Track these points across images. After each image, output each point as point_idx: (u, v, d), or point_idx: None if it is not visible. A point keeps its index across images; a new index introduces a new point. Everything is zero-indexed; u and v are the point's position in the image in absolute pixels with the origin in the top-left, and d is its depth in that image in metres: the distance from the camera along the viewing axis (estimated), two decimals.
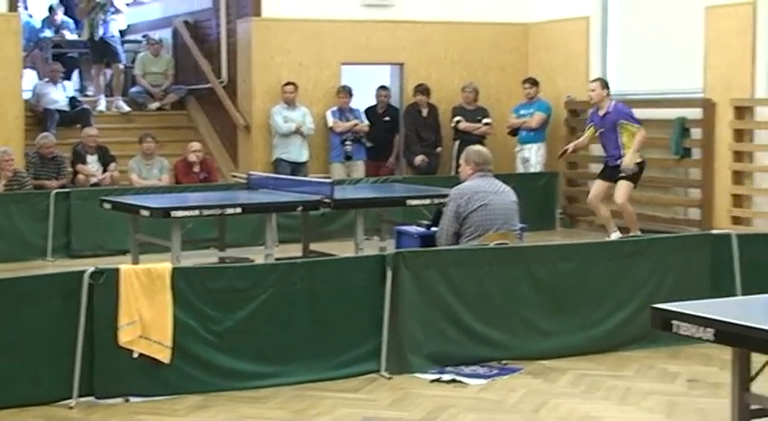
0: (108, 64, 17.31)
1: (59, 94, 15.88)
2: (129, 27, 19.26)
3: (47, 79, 16.18)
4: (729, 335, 4.74)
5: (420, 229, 9.39)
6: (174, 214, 9.84)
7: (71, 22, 18.56)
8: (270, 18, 15.25)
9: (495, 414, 6.81)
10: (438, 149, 15.47)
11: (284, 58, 15.19)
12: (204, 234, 11.53)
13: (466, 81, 15.61)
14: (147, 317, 6.94)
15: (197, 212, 10.02)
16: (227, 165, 15.79)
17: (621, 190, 12.23)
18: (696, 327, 4.84)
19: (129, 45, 18.53)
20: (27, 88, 15.68)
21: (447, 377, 7.46)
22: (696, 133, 13.49)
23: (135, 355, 6.95)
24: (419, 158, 15.21)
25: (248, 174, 12.67)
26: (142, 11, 19.42)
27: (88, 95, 17.44)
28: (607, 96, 12.51)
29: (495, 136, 15.31)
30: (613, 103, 12.45)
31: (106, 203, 10.88)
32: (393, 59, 15.97)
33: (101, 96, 16.98)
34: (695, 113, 13.46)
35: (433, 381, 7.41)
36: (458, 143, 14.82)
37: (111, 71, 17.41)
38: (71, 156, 14.21)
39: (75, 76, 18.43)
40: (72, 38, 18.37)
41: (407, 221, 10.63)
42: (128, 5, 18.18)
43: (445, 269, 7.74)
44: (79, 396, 6.84)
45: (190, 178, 13.85)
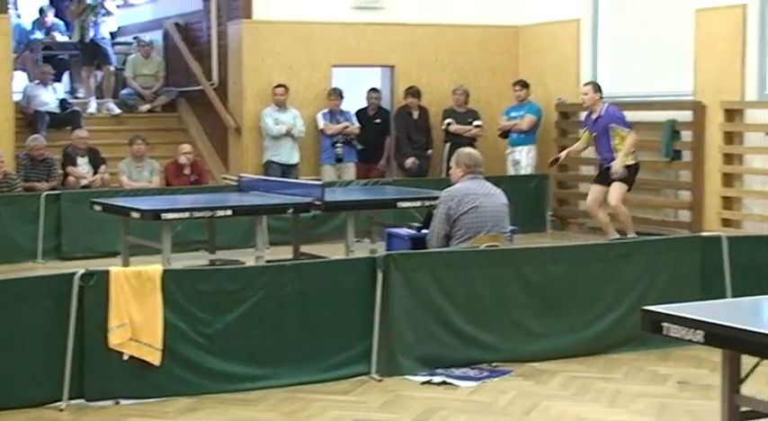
0: (98, 66, 17.30)
1: (50, 95, 15.86)
2: (120, 29, 19.23)
3: (37, 81, 16.16)
4: (719, 337, 4.74)
5: (411, 232, 9.40)
6: (165, 216, 9.82)
7: (61, 23, 18.53)
8: (260, 20, 15.25)
9: (486, 416, 6.82)
10: (429, 152, 15.47)
11: (275, 60, 15.19)
12: (194, 236, 11.52)
13: (456, 83, 15.61)
14: (137, 319, 6.93)
15: (187, 214, 10.02)
16: (217, 167, 15.78)
17: (614, 192, 12.24)
18: (686, 330, 4.84)
19: (119, 47, 18.51)
20: (17, 90, 15.64)
21: (437, 379, 7.46)
22: (686, 136, 13.51)
23: (125, 358, 6.93)
24: (410, 161, 15.21)
25: (239, 177, 12.66)
26: (133, 13, 19.40)
27: (79, 97, 17.42)
28: (600, 100, 12.53)
29: (485, 138, 15.32)
30: (606, 106, 12.46)
31: (96, 205, 10.87)
32: (384, 62, 15.98)
33: (91, 98, 16.96)
34: (685, 116, 13.48)
35: (423, 384, 7.41)
36: (448, 145, 14.84)
37: (101, 73, 17.41)
38: (61, 158, 14.18)
39: (65, 77, 18.39)
40: (62, 40, 18.34)
41: (398, 224, 10.63)
42: (118, 7, 18.15)
43: (436, 271, 7.74)
44: (69, 398, 6.83)
45: (180, 180, 13.84)
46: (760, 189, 12.87)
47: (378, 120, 15.68)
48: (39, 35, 18.35)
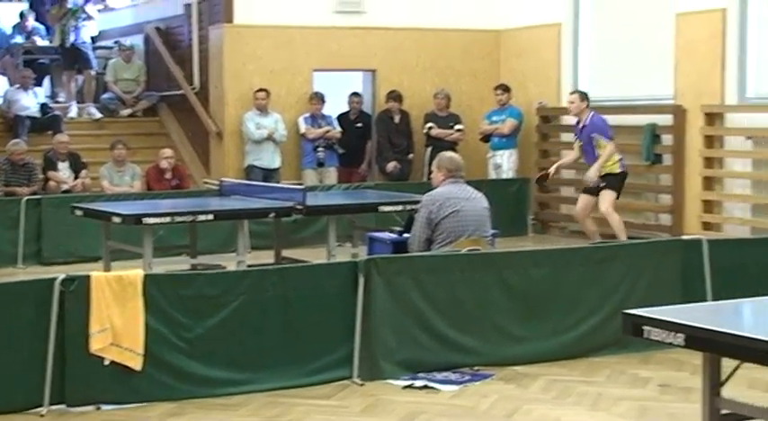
0: (79, 70, 17.27)
1: (30, 100, 15.83)
2: (101, 33, 19.19)
3: (18, 85, 16.13)
4: (700, 340, 4.76)
5: (392, 236, 9.40)
6: (146, 221, 9.80)
7: (42, 28, 18.47)
8: (241, 25, 15.23)
9: (468, 420, 6.83)
10: (410, 156, 15.48)
11: (256, 64, 15.18)
12: (176, 241, 11.49)
13: (438, 87, 15.63)
14: (118, 324, 6.92)
15: (169, 219, 10.00)
16: (199, 171, 15.76)
17: (603, 199, 12.16)
18: (667, 333, 4.85)
19: (100, 51, 18.46)
20: None
21: (419, 383, 7.47)
22: (667, 139, 13.55)
23: (106, 363, 6.92)
24: (391, 165, 15.22)
25: (220, 181, 12.65)
26: (113, 17, 19.36)
27: (59, 102, 17.40)
28: (586, 108, 12.42)
29: (467, 142, 15.32)
30: (591, 114, 12.37)
31: (77, 210, 10.84)
32: (365, 66, 15.98)
33: (72, 103, 16.93)
34: (666, 120, 13.52)
35: (405, 388, 7.42)
36: (430, 149, 14.84)
37: (82, 77, 17.37)
38: (42, 163, 14.14)
39: (46, 82, 18.35)
40: (43, 44, 18.29)
41: (380, 228, 10.64)
42: (99, 12, 18.12)
43: (417, 275, 7.74)
44: (50, 404, 6.81)
45: (161, 185, 13.81)
46: (740, 192, 12.92)
47: (359, 125, 15.68)
48: (19, 39, 18.28)
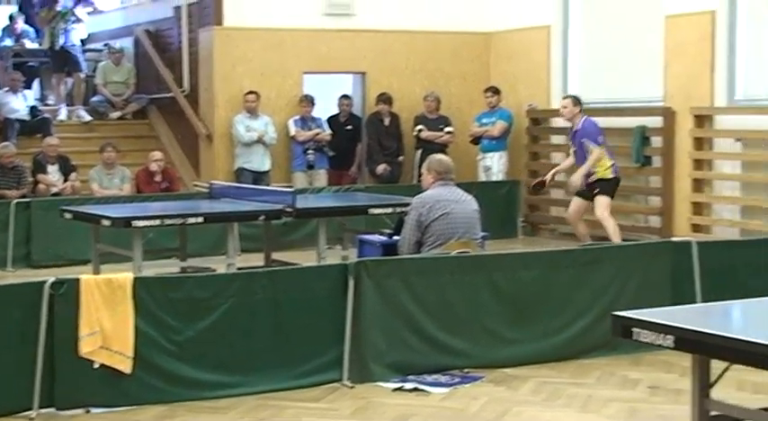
0: (69, 73, 17.25)
1: (20, 103, 15.80)
2: (90, 36, 19.15)
3: (7, 88, 16.09)
4: (689, 342, 4.77)
5: (382, 238, 9.39)
6: (136, 224, 9.79)
7: (32, 30, 18.44)
8: (231, 27, 15.23)
9: None
10: (400, 158, 15.49)
11: (246, 67, 15.17)
12: (166, 243, 11.49)
13: (428, 90, 15.63)
14: (107, 327, 6.91)
15: (158, 222, 9.98)
16: (188, 174, 15.75)
17: (599, 205, 12.05)
18: (656, 335, 4.86)
19: (90, 54, 18.44)
20: None
21: (409, 386, 7.47)
22: (656, 141, 13.57)
23: (96, 366, 6.91)
24: (381, 167, 15.23)
25: (210, 184, 12.64)
26: (103, 20, 19.32)
27: (49, 104, 17.37)
28: (579, 113, 12.25)
29: (456, 144, 15.33)
30: (583, 119, 12.21)
31: (67, 213, 10.82)
32: (355, 68, 15.98)
33: (62, 105, 16.91)
34: (655, 122, 13.55)
35: (395, 390, 7.41)
36: (420, 152, 14.85)
37: (71, 80, 17.35)
38: (32, 166, 14.12)
39: (35, 85, 18.32)
40: (32, 47, 18.26)
41: (370, 230, 10.63)
42: (89, 14, 18.09)
43: (407, 278, 7.74)
44: (40, 407, 6.79)
45: (151, 188, 13.80)
46: (729, 194, 12.94)
47: (349, 127, 15.68)
48: (8, 42, 18.26)
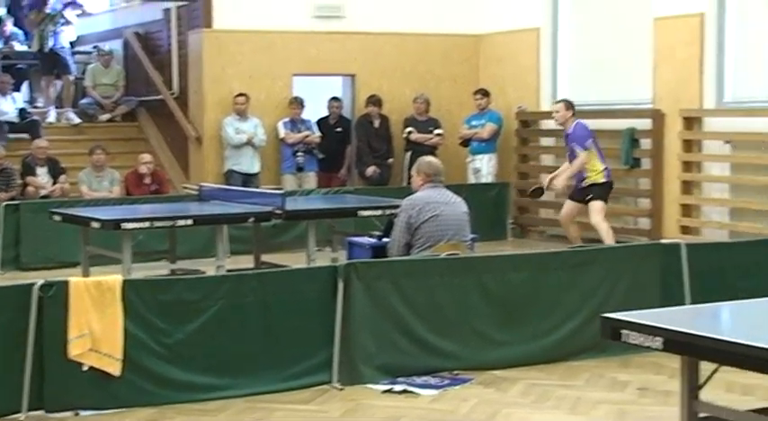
0: (58, 75, 17.22)
1: (9, 105, 15.76)
2: (79, 38, 19.12)
3: None
4: (678, 343, 4.77)
5: (371, 240, 9.40)
6: (125, 226, 9.77)
7: (20, 33, 18.42)
8: (221, 29, 15.22)
9: None
10: (390, 160, 15.49)
11: (235, 69, 15.16)
12: (155, 246, 11.48)
13: (417, 92, 15.63)
14: (97, 329, 6.90)
15: (148, 224, 9.97)
16: (178, 176, 15.73)
17: (593, 210, 11.99)
18: (645, 336, 4.86)
19: (79, 56, 18.39)
20: None
21: (399, 388, 7.47)
22: (646, 143, 13.59)
23: (85, 368, 6.90)
24: (371, 169, 15.23)
25: (199, 186, 12.62)
26: (92, 22, 19.28)
27: (38, 107, 17.34)
28: (572, 117, 12.20)
29: (446, 147, 15.34)
30: (575, 123, 12.16)
31: (56, 215, 10.81)
32: (344, 70, 15.98)
33: (51, 108, 16.88)
34: (645, 124, 13.57)
35: (384, 392, 7.41)
36: (409, 154, 14.86)
37: (61, 82, 17.32)
38: (21, 168, 14.08)
39: (24, 87, 18.28)
40: (21, 49, 18.23)
41: (359, 232, 10.62)
42: (78, 17, 18.06)
43: (397, 280, 7.74)
44: (29, 409, 6.78)
45: (141, 190, 13.78)
46: (718, 196, 12.97)
47: (339, 129, 15.68)
48: None
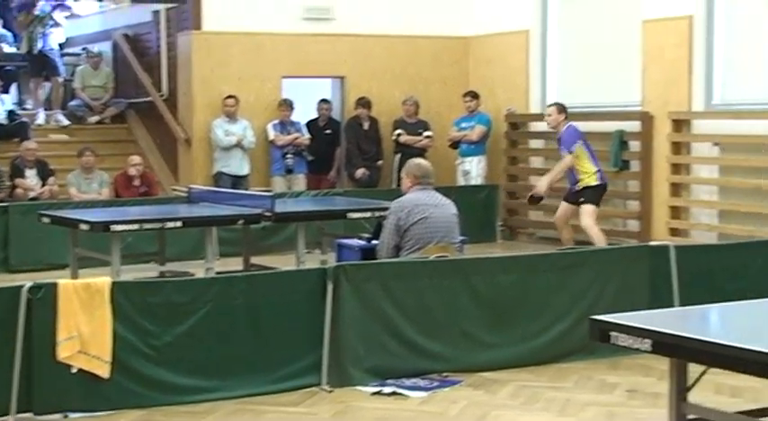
0: (47, 77, 17.19)
1: None
2: (68, 40, 19.10)
3: None
4: (666, 345, 4.78)
5: (361, 242, 9.41)
6: (114, 228, 9.76)
7: (9, 35, 18.39)
8: (210, 31, 15.21)
9: None
10: (379, 162, 15.49)
11: (225, 71, 15.15)
12: (144, 248, 11.46)
13: (407, 94, 15.63)
14: (85, 331, 6.89)
15: (137, 226, 9.96)
16: (167, 178, 15.71)
17: (584, 214, 11.98)
18: (634, 338, 4.87)
19: (68, 58, 18.36)
20: None
21: (388, 390, 7.47)
22: (635, 146, 13.61)
23: (74, 370, 6.88)
24: (360, 171, 15.23)
25: (189, 188, 12.61)
26: (81, 24, 19.27)
27: (27, 109, 17.31)
28: (564, 120, 12.18)
29: (435, 149, 15.34)
30: (566, 126, 12.15)
31: (45, 217, 10.79)
32: (334, 73, 15.98)
33: (40, 110, 16.86)
34: (634, 126, 13.59)
35: (374, 394, 7.41)
36: (399, 156, 14.87)
37: (50, 84, 17.29)
38: (9, 170, 14.05)
39: (13, 89, 18.24)
40: (10, 51, 18.19)
41: (348, 234, 10.62)
42: (66, 18, 18.04)
43: (386, 282, 7.74)
44: (17, 412, 6.76)
45: (130, 192, 13.77)
46: (707, 198, 13.00)
47: (328, 131, 15.67)
48: None
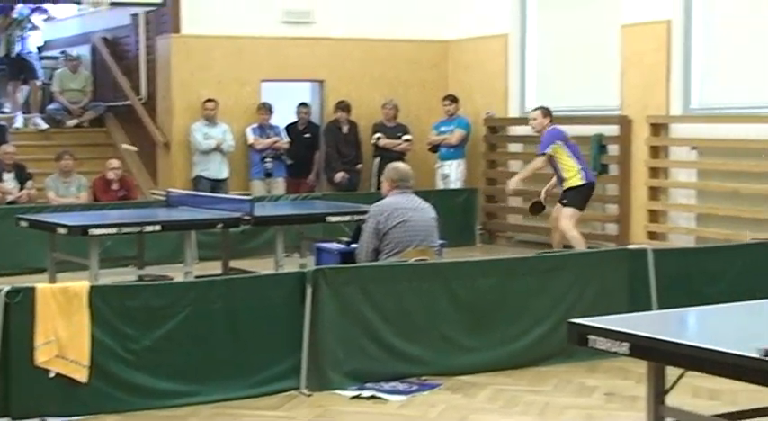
0: (25, 80, 17.16)
1: None
2: (47, 43, 19.05)
3: None
4: (644, 348, 4.79)
5: (340, 246, 9.39)
6: (92, 232, 9.72)
7: None
8: (189, 35, 15.19)
9: None
10: (358, 166, 15.50)
11: (204, 74, 15.13)
12: (123, 252, 11.41)
13: (386, 98, 15.64)
14: (63, 336, 6.86)
15: (115, 230, 9.93)
16: (146, 182, 15.67)
17: (563, 215, 11.88)
18: (612, 342, 4.88)
19: (46, 61, 18.32)
20: None
21: (367, 393, 7.46)
22: (613, 149, 13.64)
23: (51, 375, 6.86)
24: (339, 175, 15.23)
25: (167, 192, 12.59)
26: (60, 27, 19.22)
27: (5, 112, 17.26)
28: (549, 124, 12.10)
29: (415, 152, 15.36)
30: (548, 129, 12.08)
31: (23, 221, 10.74)
32: (313, 76, 15.98)
33: (18, 113, 16.80)
34: (612, 130, 13.63)
35: (353, 398, 7.41)
36: (378, 160, 14.89)
37: (28, 88, 17.24)
38: None
39: None
40: None
41: (327, 238, 10.61)
42: (45, 21, 17.99)
43: (365, 285, 7.75)
44: None
45: (108, 196, 13.72)
46: (685, 202, 13.04)
47: (307, 135, 15.67)
48: None
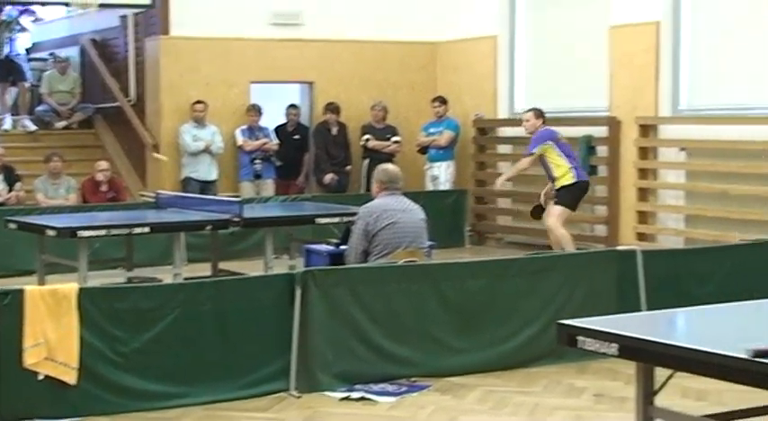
0: (14, 82, 17.12)
1: None
2: (35, 45, 19.03)
3: None
4: (633, 349, 4.79)
5: (329, 248, 9.39)
6: (81, 234, 9.71)
7: None
8: (178, 37, 15.17)
9: None
10: (347, 167, 15.50)
11: (193, 76, 15.12)
12: (112, 254, 11.41)
13: (375, 99, 15.65)
14: (52, 338, 6.85)
15: (104, 232, 9.92)
16: (135, 184, 15.65)
17: (551, 213, 11.90)
18: (601, 343, 4.88)
19: (35, 63, 18.31)
20: None
21: (356, 395, 7.46)
22: (602, 151, 13.66)
23: (40, 377, 6.85)
24: (328, 177, 15.23)
25: (156, 193, 12.58)
26: (48, 29, 19.20)
27: None
28: (542, 125, 12.10)
29: (404, 154, 15.37)
30: (540, 130, 12.08)
31: (12, 223, 10.73)
32: (302, 78, 15.98)
33: (6, 115, 16.77)
34: (601, 131, 13.64)
35: (342, 400, 7.41)
36: (367, 161, 14.89)
37: (16, 89, 17.21)
38: None
39: None
40: None
41: (317, 240, 10.61)
42: (33, 23, 17.96)
43: (354, 287, 7.75)
44: None
45: (97, 197, 13.70)
46: (674, 203, 13.07)
47: (296, 137, 15.67)
48: None
